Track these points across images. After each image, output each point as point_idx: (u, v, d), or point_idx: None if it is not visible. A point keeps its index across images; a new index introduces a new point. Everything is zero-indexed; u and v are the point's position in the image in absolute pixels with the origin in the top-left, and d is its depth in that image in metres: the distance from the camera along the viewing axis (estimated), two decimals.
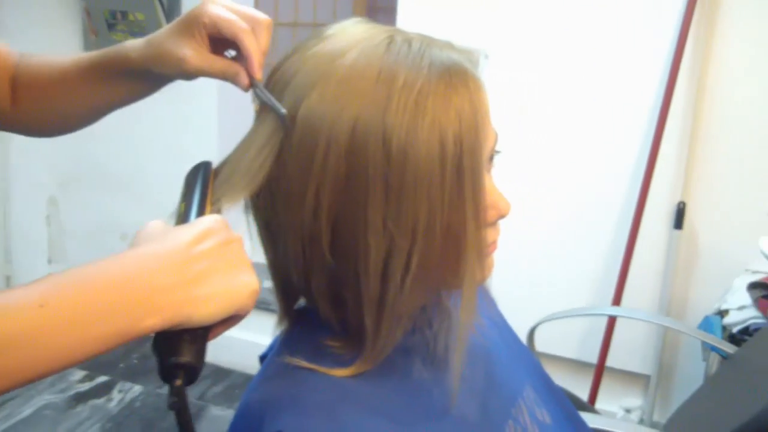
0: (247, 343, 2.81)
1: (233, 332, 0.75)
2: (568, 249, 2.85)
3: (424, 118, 0.76)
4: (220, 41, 0.92)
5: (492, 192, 0.86)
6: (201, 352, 0.70)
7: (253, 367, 1.17)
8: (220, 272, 0.70)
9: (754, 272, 2.56)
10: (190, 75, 0.94)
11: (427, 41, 0.83)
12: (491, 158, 0.87)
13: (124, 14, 3.20)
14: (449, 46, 0.85)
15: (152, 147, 3.49)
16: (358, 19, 0.87)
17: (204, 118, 3.37)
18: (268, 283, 0.89)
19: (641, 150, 2.66)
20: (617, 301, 2.72)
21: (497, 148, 0.87)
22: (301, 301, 0.92)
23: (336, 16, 4.49)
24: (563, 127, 2.76)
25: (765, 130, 2.57)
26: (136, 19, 3.20)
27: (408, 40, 0.82)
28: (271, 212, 0.83)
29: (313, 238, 0.80)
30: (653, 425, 2.85)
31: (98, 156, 3.61)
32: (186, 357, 0.69)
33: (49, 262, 3.95)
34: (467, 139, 0.78)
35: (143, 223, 0.72)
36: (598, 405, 2.80)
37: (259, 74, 0.88)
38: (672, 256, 2.71)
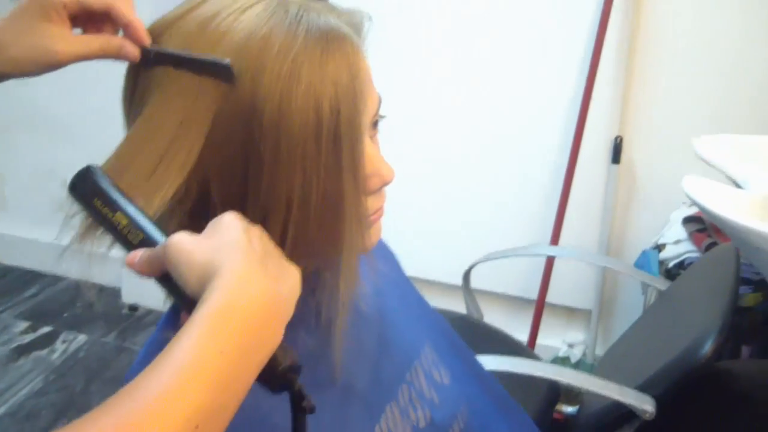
0: None
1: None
2: (505, 187, 2.84)
3: (298, 87, 0.74)
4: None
5: (374, 159, 0.84)
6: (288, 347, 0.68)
7: None
8: (279, 264, 0.69)
9: (691, 205, 2.57)
10: (56, 68, 0.82)
11: (305, 5, 0.80)
12: (375, 124, 0.85)
13: None
14: (329, 9, 0.82)
15: (90, 85, 3.32)
16: None
17: None
18: None
19: (576, 86, 2.64)
20: (556, 238, 2.72)
21: (381, 112, 0.85)
22: None
23: None
24: (498, 65, 2.73)
25: (698, 62, 2.56)
26: None
27: (285, 5, 0.79)
28: None
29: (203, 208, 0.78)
30: (596, 359, 2.89)
31: (35, 99, 3.47)
32: (289, 358, 0.67)
33: None
34: (344, 107, 0.76)
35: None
36: (541, 341, 2.82)
37: (148, 39, 0.80)
38: (610, 191, 2.71)
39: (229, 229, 0.68)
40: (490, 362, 1.57)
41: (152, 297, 3.26)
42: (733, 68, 2.54)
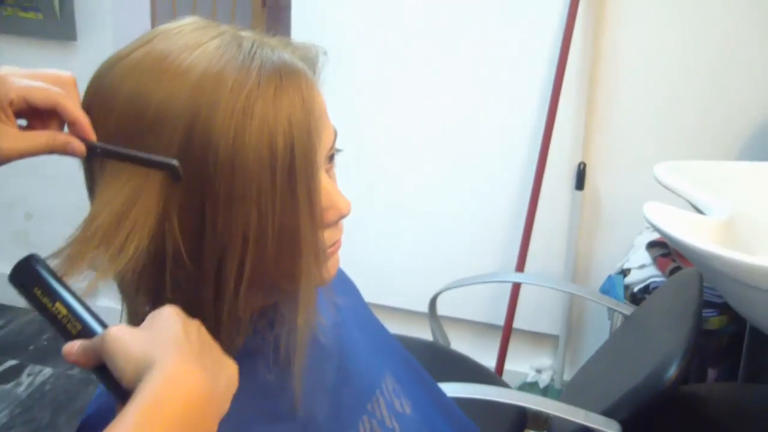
0: None
1: None
2: (471, 214, 2.86)
3: (252, 122, 0.75)
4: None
5: (330, 192, 0.84)
6: None
7: None
8: (216, 358, 0.71)
9: (654, 230, 2.59)
10: (2, 164, 0.79)
11: (259, 41, 0.81)
12: (331, 158, 0.86)
13: None
14: (284, 44, 0.83)
15: None
16: (190, 19, 0.84)
17: None
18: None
19: (539, 113, 2.66)
20: (521, 264, 2.73)
21: (337, 146, 0.86)
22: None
23: (234, 16, 4.40)
24: (461, 92, 2.75)
25: (660, 89, 2.60)
26: None
27: (238, 40, 0.80)
28: None
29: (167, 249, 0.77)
30: (564, 384, 2.89)
31: None
32: None
33: None
34: (299, 142, 0.77)
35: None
36: (508, 367, 2.82)
37: (93, 134, 0.79)
38: (575, 217, 2.74)
39: (168, 322, 0.69)
40: (458, 389, 1.57)
41: None
42: (695, 95, 2.57)
